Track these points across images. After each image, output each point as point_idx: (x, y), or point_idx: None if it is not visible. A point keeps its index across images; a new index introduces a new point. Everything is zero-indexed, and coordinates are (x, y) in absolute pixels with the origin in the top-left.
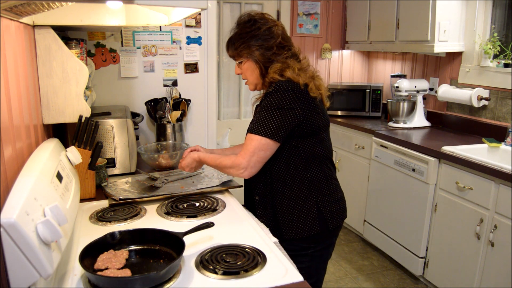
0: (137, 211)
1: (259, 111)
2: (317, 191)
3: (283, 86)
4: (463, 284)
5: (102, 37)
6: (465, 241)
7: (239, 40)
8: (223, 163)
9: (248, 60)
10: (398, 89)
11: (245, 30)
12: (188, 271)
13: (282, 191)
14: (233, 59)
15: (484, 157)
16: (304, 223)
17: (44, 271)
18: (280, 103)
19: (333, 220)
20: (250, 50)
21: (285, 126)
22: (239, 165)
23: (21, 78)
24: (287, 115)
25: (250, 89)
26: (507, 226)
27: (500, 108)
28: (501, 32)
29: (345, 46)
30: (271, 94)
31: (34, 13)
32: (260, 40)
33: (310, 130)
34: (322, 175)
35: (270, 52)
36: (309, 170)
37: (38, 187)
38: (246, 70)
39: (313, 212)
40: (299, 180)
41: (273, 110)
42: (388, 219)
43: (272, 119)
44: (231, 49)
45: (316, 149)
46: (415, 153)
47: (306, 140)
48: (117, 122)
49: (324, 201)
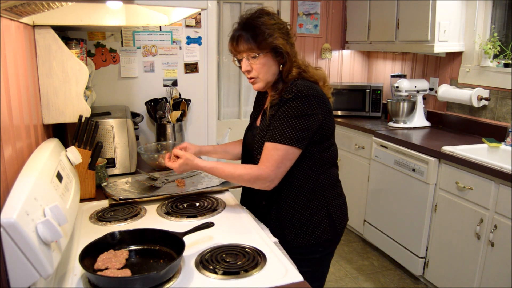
0: (137, 211)
1: (279, 118)
2: (326, 195)
3: (303, 91)
4: (463, 284)
5: (102, 37)
6: (465, 241)
7: (263, 30)
8: (242, 176)
9: (267, 54)
10: (398, 89)
11: (269, 22)
12: (188, 271)
13: (291, 197)
14: (244, 53)
15: (484, 157)
16: (314, 229)
17: (44, 271)
18: (303, 109)
19: (341, 223)
20: (278, 41)
21: (309, 132)
22: (266, 178)
23: (21, 78)
24: (310, 121)
25: (259, 88)
26: (507, 226)
27: (500, 108)
28: (501, 32)
29: (345, 46)
30: (292, 101)
31: (34, 13)
32: (286, 35)
33: (325, 135)
34: (331, 179)
35: (293, 50)
36: (320, 175)
37: (38, 187)
38: (262, 65)
39: (324, 217)
40: (310, 186)
41: (296, 117)
42: (388, 219)
43: (297, 126)
44: (246, 42)
45: (327, 153)
46: (415, 153)
47: (320, 145)
48: (117, 122)
49: (333, 205)
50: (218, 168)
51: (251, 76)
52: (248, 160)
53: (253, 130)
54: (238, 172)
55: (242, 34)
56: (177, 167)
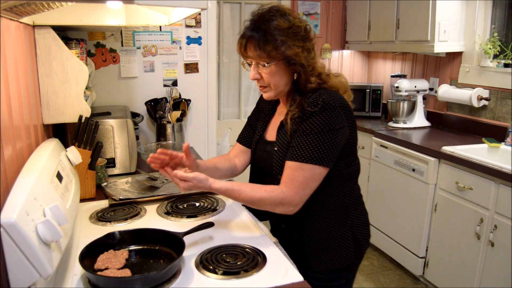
0: (137, 211)
1: (303, 133)
2: (351, 214)
3: (330, 103)
4: (463, 284)
5: (102, 37)
6: (465, 241)
7: (275, 37)
8: (264, 200)
9: (278, 63)
10: (398, 89)
11: (283, 26)
12: (188, 271)
13: (314, 219)
14: (252, 60)
15: (484, 157)
16: (339, 252)
17: (44, 271)
18: (331, 123)
19: (365, 243)
20: (291, 51)
21: (337, 148)
22: (291, 202)
23: (21, 78)
24: (338, 135)
25: (269, 97)
26: (507, 226)
27: (500, 108)
28: (501, 32)
29: (345, 46)
30: (319, 114)
31: (34, 13)
32: (301, 41)
33: (350, 149)
34: (354, 196)
35: (310, 56)
36: (345, 193)
37: (38, 187)
38: (274, 74)
39: (349, 239)
40: (335, 206)
41: (324, 132)
42: (388, 219)
43: (324, 142)
44: (255, 48)
45: (352, 168)
46: (415, 153)
47: (345, 160)
48: (117, 122)
49: (358, 224)
50: (234, 190)
51: (261, 85)
52: (258, 177)
53: (265, 144)
54: (258, 196)
55: (251, 38)
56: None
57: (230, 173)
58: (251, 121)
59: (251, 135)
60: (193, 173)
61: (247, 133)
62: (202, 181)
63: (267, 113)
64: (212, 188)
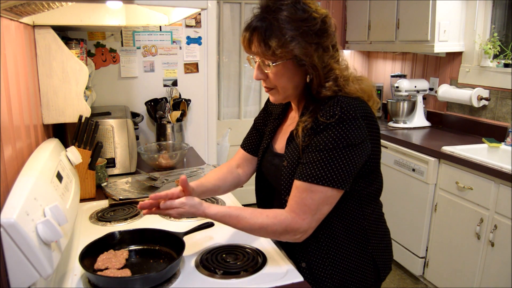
0: (137, 211)
1: (316, 149)
2: (372, 239)
3: (350, 113)
4: (463, 284)
5: (102, 37)
6: (465, 241)
7: (283, 32)
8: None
9: (287, 63)
10: (398, 89)
11: (295, 17)
12: (188, 271)
13: (327, 246)
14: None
15: (484, 157)
16: (356, 282)
17: (44, 271)
18: (350, 137)
19: (386, 269)
20: (301, 50)
21: (355, 167)
22: (298, 229)
23: (21, 78)
24: (357, 152)
25: (276, 100)
26: (507, 226)
27: (500, 108)
28: (501, 32)
29: (345, 46)
30: (336, 126)
31: (34, 13)
32: (317, 37)
33: (373, 166)
34: (376, 218)
35: (328, 55)
36: (366, 216)
37: (38, 187)
38: (281, 75)
39: (368, 266)
40: (353, 231)
41: (341, 148)
42: (388, 219)
43: (341, 161)
44: (259, 44)
45: (373, 187)
46: (415, 153)
47: (365, 179)
48: (117, 122)
49: (378, 250)
50: (232, 216)
51: (266, 86)
52: (265, 192)
53: (273, 156)
54: (259, 222)
55: (256, 31)
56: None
57: (234, 187)
58: (258, 125)
59: (257, 142)
60: (183, 197)
61: (253, 138)
62: (195, 206)
63: (277, 118)
64: (207, 215)
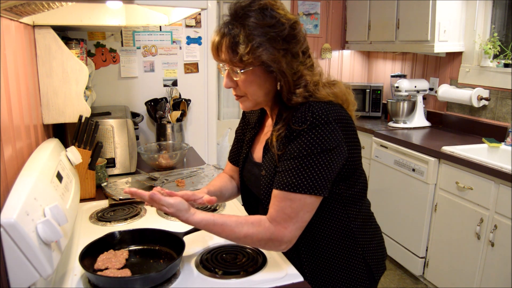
0: (137, 211)
1: (291, 157)
2: (360, 240)
3: (322, 117)
4: (463, 284)
5: (102, 37)
6: (465, 241)
7: (250, 38)
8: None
9: (255, 69)
10: (398, 89)
11: (262, 24)
12: (188, 271)
13: (315, 251)
14: (225, 64)
15: (484, 157)
16: (350, 284)
17: (44, 271)
18: (323, 143)
19: (379, 269)
20: (268, 56)
21: (332, 172)
22: (281, 239)
23: (21, 78)
24: (333, 157)
25: (247, 107)
26: (507, 226)
27: (500, 108)
28: (501, 32)
29: (345, 46)
30: (308, 132)
31: (34, 13)
32: (285, 43)
33: (352, 168)
34: (363, 218)
35: (297, 62)
36: (351, 218)
37: (38, 187)
38: (250, 82)
39: (361, 267)
40: (339, 234)
41: (315, 154)
42: (388, 219)
43: (315, 167)
44: (227, 50)
45: (356, 188)
46: (415, 153)
47: (346, 182)
48: (117, 122)
49: (369, 250)
50: (216, 224)
51: (236, 94)
52: (250, 201)
53: (252, 166)
54: (244, 232)
55: (224, 38)
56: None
57: (235, 194)
58: (238, 135)
59: (240, 152)
60: (174, 198)
61: (236, 150)
62: (180, 211)
63: (253, 127)
64: (190, 222)
